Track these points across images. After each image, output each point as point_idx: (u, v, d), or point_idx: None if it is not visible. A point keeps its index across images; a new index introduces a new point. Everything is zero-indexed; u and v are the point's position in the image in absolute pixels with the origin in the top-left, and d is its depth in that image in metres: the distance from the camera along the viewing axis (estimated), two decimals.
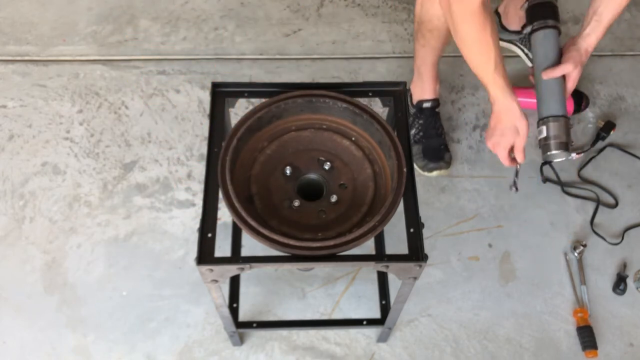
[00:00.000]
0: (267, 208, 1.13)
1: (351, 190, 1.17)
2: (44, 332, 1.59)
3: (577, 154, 1.88)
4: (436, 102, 1.83)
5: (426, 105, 1.82)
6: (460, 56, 1.31)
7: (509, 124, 1.41)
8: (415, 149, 1.82)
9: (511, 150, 1.46)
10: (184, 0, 2.21)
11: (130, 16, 2.16)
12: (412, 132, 1.84)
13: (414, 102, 1.84)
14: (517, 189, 1.65)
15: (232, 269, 1.07)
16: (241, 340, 1.58)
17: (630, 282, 1.70)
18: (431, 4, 1.50)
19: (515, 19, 1.98)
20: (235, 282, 1.56)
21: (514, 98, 1.38)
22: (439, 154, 1.82)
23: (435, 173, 1.81)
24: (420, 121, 1.84)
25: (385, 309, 1.55)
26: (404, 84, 1.23)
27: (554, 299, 1.68)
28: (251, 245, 1.54)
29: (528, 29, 1.48)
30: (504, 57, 1.33)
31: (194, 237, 1.67)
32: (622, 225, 1.80)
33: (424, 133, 1.83)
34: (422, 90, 1.81)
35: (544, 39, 1.44)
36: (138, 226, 1.74)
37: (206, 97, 1.96)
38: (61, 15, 2.15)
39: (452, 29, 1.28)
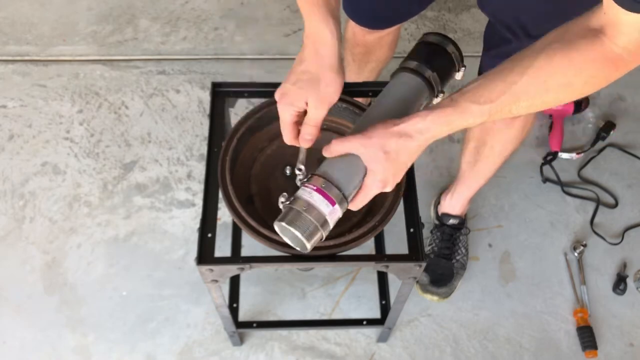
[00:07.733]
0: (267, 208, 1.13)
1: None
2: (44, 332, 1.59)
3: (577, 154, 1.88)
4: (462, 221, 1.68)
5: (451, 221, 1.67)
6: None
7: (312, 69, 0.92)
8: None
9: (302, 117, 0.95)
10: (184, 0, 2.21)
11: (130, 16, 2.16)
12: (427, 247, 1.70)
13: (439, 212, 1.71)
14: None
15: (232, 269, 1.07)
16: (241, 340, 1.58)
17: (630, 282, 1.70)
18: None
19: None
20: (235, 282, 1.56)
21: (336, 26, 0.91)
22: (442, 279, 1.65)
23: (428, 297, 1.64)
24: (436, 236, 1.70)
25: (385, 309, 1.55)
26: None
27: (554, 299, 1.68)
28: (251, 245, 1.53)
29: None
30: None
31: (194, 237, 1.66)
32: (622, 225, 1.80)
33: (438, 250, 1.68)
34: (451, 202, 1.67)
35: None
36: (138, 226, 1.74)
37: (206, 97, 1.96)
38: (61, 15, 2.15)
39: None
